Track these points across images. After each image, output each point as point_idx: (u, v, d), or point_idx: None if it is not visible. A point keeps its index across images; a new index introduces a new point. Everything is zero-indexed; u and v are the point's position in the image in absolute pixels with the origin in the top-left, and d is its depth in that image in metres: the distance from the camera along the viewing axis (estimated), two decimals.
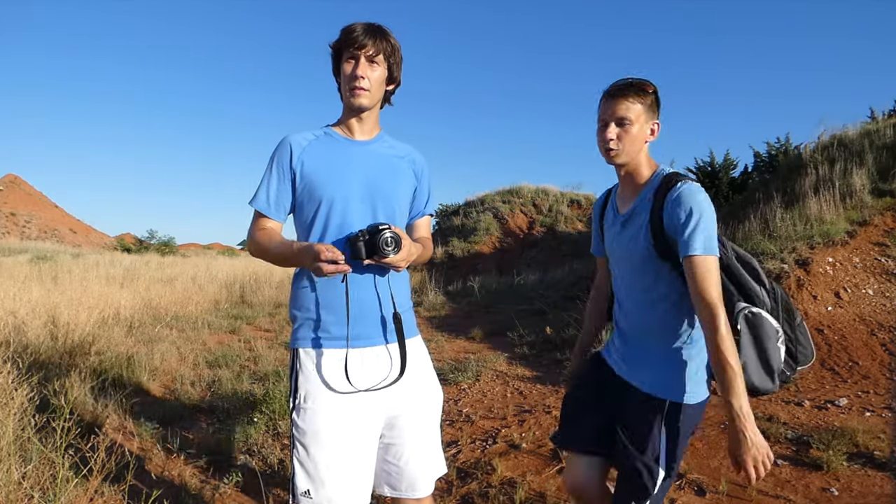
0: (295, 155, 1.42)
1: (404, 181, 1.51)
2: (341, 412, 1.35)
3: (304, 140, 1.45)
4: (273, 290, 9.71)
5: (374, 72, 1.40)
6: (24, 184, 55.70)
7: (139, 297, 7.67)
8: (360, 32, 1.37)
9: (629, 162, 1.43)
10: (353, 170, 1.42)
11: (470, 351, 5.57)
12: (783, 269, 4.98)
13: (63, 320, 5.05)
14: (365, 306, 1.40)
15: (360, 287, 1.39)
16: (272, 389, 3.61)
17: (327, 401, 1.35)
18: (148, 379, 4.15)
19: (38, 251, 18.90)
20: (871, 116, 10.01)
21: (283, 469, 2.68)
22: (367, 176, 1.43)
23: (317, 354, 1.39)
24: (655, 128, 1.45)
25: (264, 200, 1.44)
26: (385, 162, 1.48)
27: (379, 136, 1.51)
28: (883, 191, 6.18)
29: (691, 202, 1.30)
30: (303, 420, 1.35)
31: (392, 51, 1.42)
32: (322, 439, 1.33)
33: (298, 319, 1.42)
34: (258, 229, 1.45)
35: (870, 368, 4.05)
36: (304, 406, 1.36)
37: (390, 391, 1.41)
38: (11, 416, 2.18)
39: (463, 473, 2.67)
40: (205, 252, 30.37)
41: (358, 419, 1.36)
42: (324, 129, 1.49)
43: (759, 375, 1.35)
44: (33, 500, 2.01)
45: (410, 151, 1.56)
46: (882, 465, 2.62)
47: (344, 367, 1.36)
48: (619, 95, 1.39)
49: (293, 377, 1.41)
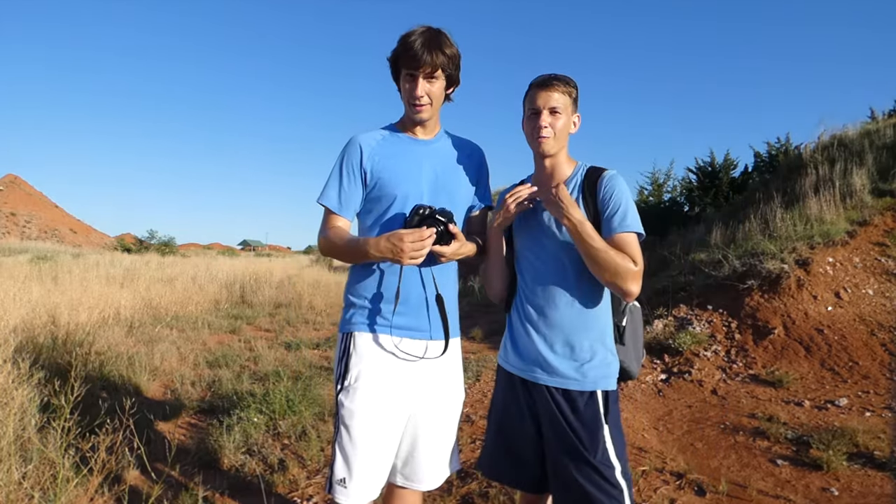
0: (365, 155, 1.47)
1: (467, 178, 1.57)
2: (385, 396, 1.41)
3: (372, 140, 1.50)
4: (273, 291, 9.71)
5: (434, 86, 1.44)
6: (24, 184, 55.69)
7: (139, 297, 7.67)
8: (418, 48, 1.37)
9: (557, 153, 1.49)
10: (422, 168, 1.48)
11: (470, 351, 5.57)
12: (783, 269, 4.98)
13: (63, 320, 5.05)
14: (415, 299, 1.45)
15: (411, 281, 1.45)
16: (272, 389, 3.61)
17: (376, 382, 1.41)
18: (148, 379, 4.15)
19: (38, 251, 18.90)
20: (872, 116, 10.01)
21: (283, 469, 2.68)
22: (434, 174, 1.49)
23: (372, 338, 1.44)
24: (577, 120, 1.53)
25: (335, 199, 1.49)
26: (450, 160, 1.55)
27: (440, 134, 1.57)
28: (883, 191, 6.18)
29: (618, 186, 1.45)
30: (351, 400, 1.40)
31: (449, 61, 1.43)
32: (366, 419, 1.38)
33: (355, 305, 1.47)
34: (329, 227, 1.50)
35: (870, 368, 4.05)
36: (354, 386, 1.40)
37: (421, 386, 1.46)
38: (11, 416, 2.18)
39: (463, 473, 2.67)
40: (205, 252, 30.38)
41: (395, 407, 1.42)
42: (389, 130, 1.54)
43: (637, 362, 1.56)
44: (34, 500, 2.01)
45: (470, 145, 1.61)
46: (882, 465, 2.62)
47: (393, 351, 1.43)
48: (549, 86, 1.45)
49: (344, 360, 1.44)
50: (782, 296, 4.87)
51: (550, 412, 1.44)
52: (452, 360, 1.54)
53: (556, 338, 1.45)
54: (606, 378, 1.45)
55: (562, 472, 1.41)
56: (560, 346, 1.45)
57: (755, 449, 2.93)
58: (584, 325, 1.45)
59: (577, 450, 1.38)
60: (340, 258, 1.51)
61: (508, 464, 1.56)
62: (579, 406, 1.42)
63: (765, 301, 4.90)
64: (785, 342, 4.51)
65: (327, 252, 1.52)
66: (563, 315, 1.45)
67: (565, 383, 1.43)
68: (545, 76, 1.48)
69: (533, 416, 1.49)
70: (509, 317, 1.60)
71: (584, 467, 1.37)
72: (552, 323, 1.46)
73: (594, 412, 1.41)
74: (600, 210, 1.44)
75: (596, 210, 1.45)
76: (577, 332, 1.45)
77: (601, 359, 1.45)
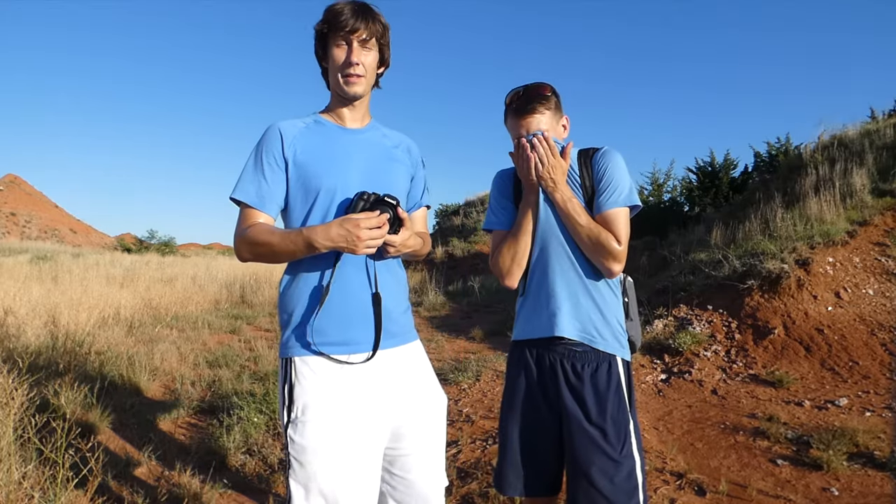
0: (286, 143, 1.30)
1: (402, 171, 1.42)
2: (343, 425, 1.22)
3: (294, 128, 1.33)
4: (273, 290, 9.71)
5: (367, 57, 1.30)
6: (24, 184, 55.73)
7: (139, 297, 7.67)
8: (349, 14, 1.25)
9: None
10: (350, 159, 1.32)
11: (470, 351, 5.57)
12: (783, 269, 4.97)
13: (63, 320, 5.06)
14: (358, 307, 1.28)
15: (353, 283, 1.27)
16: (272, 389, 3.61)
17: (328, 413, 1.22)
18: (148, 379, 4.15)
19: (38, 251, 18.88)
20: (872, 116, 10.01)
21: (283, 469, 2.68)
22: (365, 165, 1.33)
23: (313, 362, 1.25)
24: (566, 122, 1.50)
25: (254, 193, 1.28)
26: (381, 151, 1.39)
27: (371, 124, 1.42)
28: (883, 191, 6.17)
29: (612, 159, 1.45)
30: (301, 435, 1.20)
31: (383, 32, 1.33)
32: (323, 456, 1.19)
33: (290, 325, 1.28)
34: (248, 226, 1.27)
35: (870, 368, 4.05)
36: (301, 420, 1.21)
37: (394, 401, 1.31)
38: (11, 416, 2.18)
39: (463, 473, 2.67)
40: (205, 252, 30.34)
41: (361, 432, 1.23)
42: (313, 117, 1.38)
43: (639, 336, 1.55)
44: (33, 500, 2.01)
45: (404, 139, 1.48)
46: (882, 465, 2.62)
47: (341, 374, 1.25)
48: (526, 113, 1.42)
49: (287, 388, 1.25)
50: (782, 296, 4.87)
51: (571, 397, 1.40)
52: (419, 365, 1.40)
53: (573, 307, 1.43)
54: (623, 348, 1.45)
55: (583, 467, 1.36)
56: (577, 303, 1.43)
57: (755, 449, 2.94)
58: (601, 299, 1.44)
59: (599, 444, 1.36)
60: (269, 258, 1.25)
61: (532, 471, 1.47)
62: (601, 384, 1.38)
63: (765, 301, 4.90)
64: (785, 342, 4.51)
65: (249, 253, 1.26)
66: (579, 291, 1.43)
67: (587, 338, 1.40)
68: (519, 99, 1.44)
69: (551, 410, 1.44)
70: (523, 298, 1.52)
71: (606, 462, 1.35)
72: (570, 296, 1.43)
73: (618, 391, 1.39)
74: (596, 188, 1.44)
75: (594, 188, 1.44)
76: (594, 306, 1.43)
77: (618, 326, 1.45)
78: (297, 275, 1.30)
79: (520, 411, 1.48)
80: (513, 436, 1.48)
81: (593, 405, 1.38)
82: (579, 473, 1.37)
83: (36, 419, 2.16)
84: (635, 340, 1.52)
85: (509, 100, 1.47)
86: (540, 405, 1.45)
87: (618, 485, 1.34)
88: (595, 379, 1.40)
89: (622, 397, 1.40)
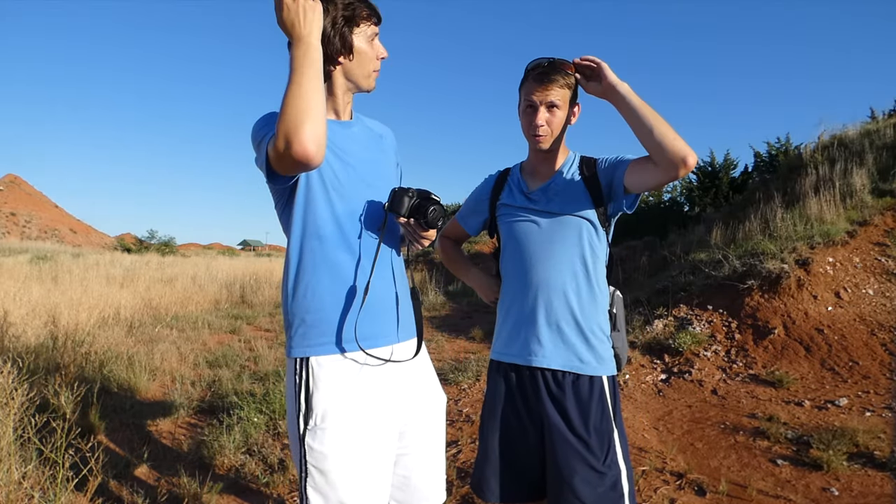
0: None
1: (391, 160, 1.42)
2: (363, 431, 1.19)
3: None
4: (273, 290, 9.71)
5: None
6: (24, 184, 55.73)
7: (139, 297, 7.68)
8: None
9: (554, 149, 1.44)
10: (349, 151, 1.29)
11: (470, 351, 5.57)
12: (783, 270, 4.97)
13: (63, 320, 5.06)
14: (385, 299, 1.28)
15: (380, 277, 1.26)
16: (272, 389, 3.61)
17: (348, 419, 1.18)
18: (148, 379, 4.15)
19: (38, 251, 18.89)
20: (872, 116, 10.02)
21: (283, 469, 2.68)
22: (367, 156, 1.32)
23: (335, 361, 1.20)
24: (577, 111, 1.47)
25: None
26: (372, 142, 1.37)
27: (356, 115, 1.38)
28: (883, 191, 6.18)
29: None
30: (321, 443, 1.15)
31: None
32: (344, 464, 1.16)
33: (307, 322, 1.21)
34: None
35: (870, 368, 4.05)
36: (321, 427, 1.16)
37: (402, 401, 1.29)
38: (11, 416, 2.18)
39: (463, 473, 2.67)
40: (205, 252, 30.37)
41: (379, 437, 1.21)
42: None
43: (625, 350, 1.51)
44: (33, 500, 2.01)
45: (384, 127, 1.46)
46: (882, 465, 2.62)
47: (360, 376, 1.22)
48: (548, 81, 1.37)
49: (304, 394, 1.18)
50: (782, 296, 4.87)
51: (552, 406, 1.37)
52: (423, 364, 1.39)
53: (555, 321, 1.39)
54: (608, 366, 1.42)
55: (565, 477, 1.33)
56: (559, 329, 1.39)
57: (755, 449, 2.94)
58: (586, 323, 1.40)
59: (581, 455, 1.33)
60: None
61: (512, 477, 1.45)
62: (583, 394, 1.36)
63: (765, 301, 4.90)
64: (785, 342, 4.51)
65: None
66: (562, 301, 1.39)
67: (570, 367, 1.37)
68: (543, 67, 1.38)
69: (531, 416, 1.41)
70: (504, 316, 1.50)
71: (589, 472, 1.32)
72: (552, 308, 1.40)
73: (601, 401, 1.36)
74: (601, 180, 1.41)
75: (599, 185, 1.41)
76: (578, 333, 1.40)
77: (602, 343, 1.42)
78: (317, 271, 1.23)
79: (500, 417, 1.46)
80: (493, 441, 1.46)
81: (576, 415, 1.35)
82: (562, 483, 1.34)
83: (36, 419, 2.16)
84: (621, 354, 1.47)
85: (532, 66, 1.42)
86: (520, 410, 1.43)
87: (602, 495, 1.31)
88: (577, 388, 1.37)
89: (605, 405, 1.38)
